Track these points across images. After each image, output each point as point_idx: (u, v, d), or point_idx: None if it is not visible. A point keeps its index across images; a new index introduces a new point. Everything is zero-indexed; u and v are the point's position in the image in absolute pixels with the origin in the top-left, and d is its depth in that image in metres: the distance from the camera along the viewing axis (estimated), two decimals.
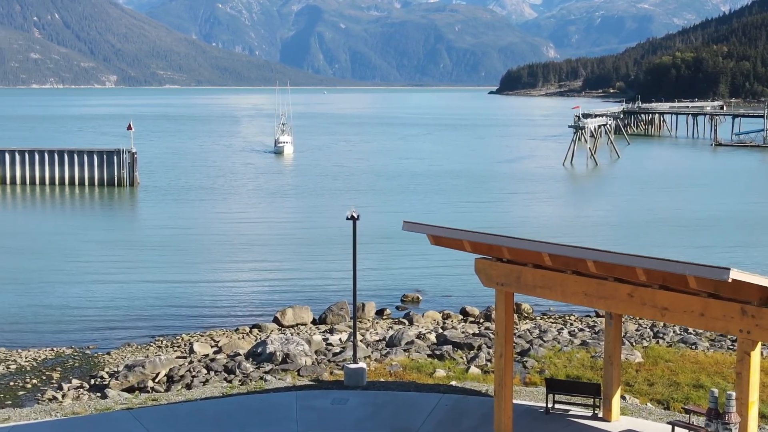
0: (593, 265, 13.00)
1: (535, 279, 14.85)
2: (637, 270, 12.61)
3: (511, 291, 15.64)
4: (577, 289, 14.03)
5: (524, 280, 15.04)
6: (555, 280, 14.36)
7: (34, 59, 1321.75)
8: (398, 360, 32.23)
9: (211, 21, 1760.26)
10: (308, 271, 54.86)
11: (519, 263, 15.02)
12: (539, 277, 14.73)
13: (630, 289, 13.37)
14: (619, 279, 13.48)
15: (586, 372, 30.45)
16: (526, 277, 14.99)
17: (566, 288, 14.23)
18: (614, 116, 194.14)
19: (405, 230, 16.65)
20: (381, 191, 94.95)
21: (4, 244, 63.53)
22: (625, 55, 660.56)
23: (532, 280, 14.90)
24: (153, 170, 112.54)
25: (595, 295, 13.75)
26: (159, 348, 38.90)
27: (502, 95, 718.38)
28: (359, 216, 23.28)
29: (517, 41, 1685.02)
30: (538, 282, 14.78)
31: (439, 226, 15.66)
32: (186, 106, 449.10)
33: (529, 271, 14.83)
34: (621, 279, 13.45)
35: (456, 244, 15.72)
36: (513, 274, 15.17)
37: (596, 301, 13.88)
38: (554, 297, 14.83)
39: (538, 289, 14.90)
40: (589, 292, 13.79)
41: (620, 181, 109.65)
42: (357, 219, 23.31)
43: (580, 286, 14.00)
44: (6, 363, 36.09)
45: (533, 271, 14.76)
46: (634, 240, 64.83)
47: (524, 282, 15.05)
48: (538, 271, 14.66)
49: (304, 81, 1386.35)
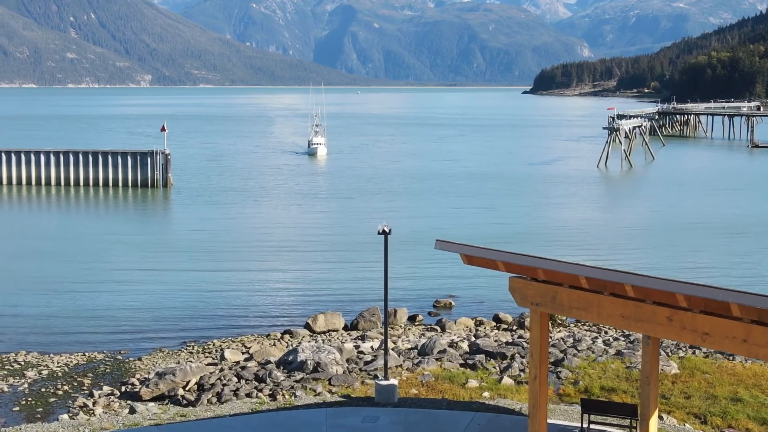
0: (631, 289, 12.60)
1: (571, 300, 14.46)
2: (678, 296, 12.19)
3: (547, 311, 15.27)
4: (614, 311, 13.62)
5: (560, 300, 14.65)
6: (591, 301, 13.96)
7: (70, 59, 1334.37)
8: (430, 370, 31.88)
9: (245, 21, 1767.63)
10: (340, 275, 54.61)
11: (555, 283, 14.64)
12: (575, 297, 14.33)
13: (669, 312, 12.94)
14: (658, 302, 13.06)
15: (621, 384, 29.93)
16: (562, 298, 14.60)
17: (603, 310, 13.83)
18: (649, 117, 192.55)
19: (438, 249, 16.30)
20: (415, 194, 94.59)
21: (39, 247, 63.83)
22: (660, 55, 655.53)
23: (568, 301, 14.50)
24: (186, 171, 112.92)
25: (633, 318, 13.34)
26: (190, 354, 38.78)
27: (535, 95, 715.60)
28: (390, 231, 22.92)
29: (551, 40, 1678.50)
30: (574, 303, 14.39)
31: (472, 245, 15.29)
32: (220, 105, 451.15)
33: (565, 291, 14.44)
34: (660, 302, 13.04)
35: (489, 264, 15.35)
36: (548, 294, 14.79)
37: (633, 324, 13.46)
38: (590, 318, 14.41)
39: (574, 310, 14.48)
40: (627, 315, 13.38)
41: (655, 183, 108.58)
42: (389, 234, 22.93)
43: (617, 308, 13.58)
44: (38, 368, 36.14)
45: (569, 291, 14.38)
46: (670, 245, 64.04)
47: (560, 302, 14.66)
48: (575, 292, 14.27)
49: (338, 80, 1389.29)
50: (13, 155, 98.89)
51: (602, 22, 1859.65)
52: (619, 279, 12.38)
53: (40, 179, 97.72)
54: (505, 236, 67.56)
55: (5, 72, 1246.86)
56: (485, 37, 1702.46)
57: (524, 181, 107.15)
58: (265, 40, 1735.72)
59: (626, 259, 58.85)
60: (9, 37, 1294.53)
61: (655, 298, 12.63)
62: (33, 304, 47.13)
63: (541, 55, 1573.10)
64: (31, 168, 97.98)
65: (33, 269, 55.95)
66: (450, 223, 74.55)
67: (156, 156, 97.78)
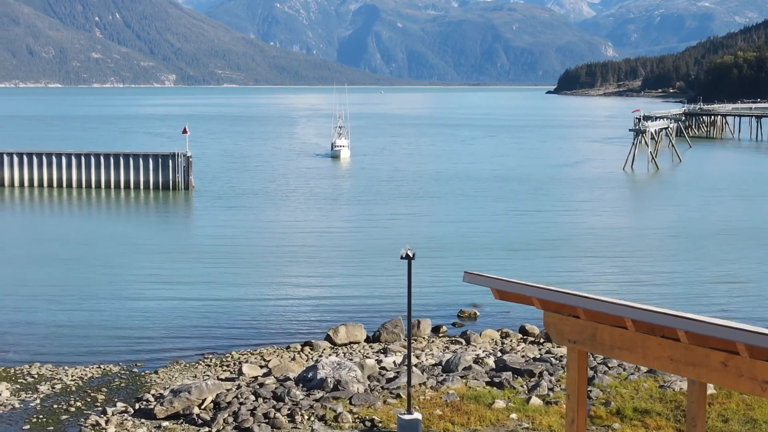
0: (684, 335, 11.28)
1: (613, 339, 13.07)
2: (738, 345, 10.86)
3: (585, 350, 13.94)
4: (662, 354, 12.28)
5: (600, 339, 13.27)
6: (636, 341, 12.60)
7: (95, 59, 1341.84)
8: (455, 388, 30.63)
9: (269, 20, 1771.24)
10: (361, 283, 53.39)
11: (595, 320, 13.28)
12: (618, 336, 12.95)
13: (724, 357, 11.58)
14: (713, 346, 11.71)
15: (655, 405, 28.61)
16: (603, 336, 13.21)
17: (648, 351, 12.48)
18: (675, 118, 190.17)
19: (467, 282, 15.09)
20: (438, 197, 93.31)
21: (56, 252, 63.04)
22: (686, 55, 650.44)
23: (610, 340, 13.12)
24: (208, 173, 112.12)
25: (683, 362, 12.00)
26: (208, 367, 37.72)
27: (559, 95, 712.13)
28: (414, 255, 21.63)
29: (575, 40, 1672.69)
30: (616, 342, 13.02)
31: (504, 279, 14.00)
32: (243, 106, 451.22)
33: (607, 329, 13.06)
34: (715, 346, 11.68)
35: (523, 300, 14.08)
36: (587, 331, 13.39)
37: (683, 368, 12.11)
38: (634, 360, 13.06)
39: (615, 350, 13.13)
40: (676, 358, 12.03)
41: (683, 187, 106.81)
42: (412, 258, 21.62)
43: (665, 350, 12.23)
44: (51, 382, 35.15)
45: (611, 329, 12.99)
46: (702, 254, 62.41)
47: (600, 341, 13.28)
48: (617, 330, 12.88)
49: (361, 80, 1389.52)
50: (34, 157, 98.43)
51: (627, 21, 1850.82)
52: (671, 323, 11.06)
53: (62, 181, 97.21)
54: (529, 242, 66.23)
55: (31, 72, 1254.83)
56: (509, 36, 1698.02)
57: (549, 184, 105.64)
58: (289, 39, 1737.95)
59: (656, 269, 57.40)
60: (35, 37, 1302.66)
61: (711, 344, 11.33)
62: (49, 312, 46.23)
63: (566, 54, 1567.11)
64: (53, 170, 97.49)
65: (49, 275, 55.13)
66: (473, 229, 73.25)
67: (177, 158, 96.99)
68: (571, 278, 54.44)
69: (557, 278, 54.30)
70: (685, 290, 51.46)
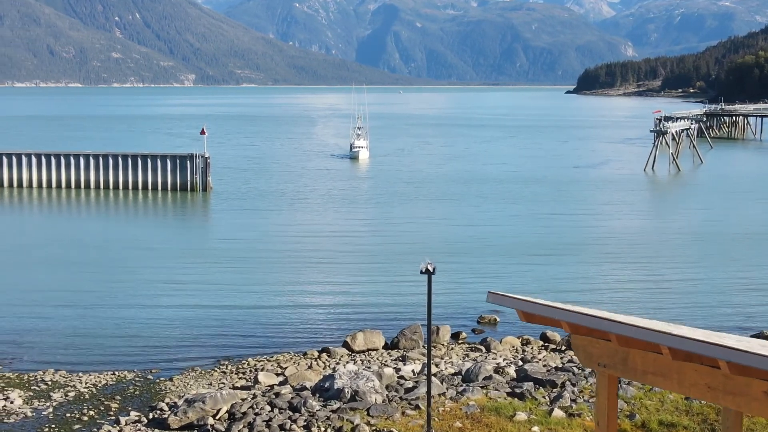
0: (726, 365, 10.48)
1: (646, 364, 12.19)
2: None
3: (616, 375, 13.12)
4: (699, 381, 11.45)
5: (632, 363, 12.39)
6: (671, 368, 11.73)
7: (115, 59, 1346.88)
8: (475, 399, 29.87)
9: (288, 20, 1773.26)
10: (379, 287, 52.62)
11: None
12: (651, 362, 12.07)
13: (767, 386, 10.80)
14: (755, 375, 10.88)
15: (681, 418, 27.75)
16: (635, 361, 12.33)
17: (685, 378, 11.64)
18: (697, 119, 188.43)
19: (491, 302, 14.34)
20: (457, 199, 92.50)
21: (70, 255, 62.56)
22: (706, 54, 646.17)
23: (643, 365, 12.23)
24: (227, 174, 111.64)
25: (722, 390, 11.17)
26: (223, 374, 37.12)
27: (579, 95, 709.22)
28: (435, 269, 20.87)
29: (594, 40, 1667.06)
30: (649, 368, 12.15)
31: (530, 300, 13.21)
32: (262, 105, 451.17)
33: (639, 353, 12.19)
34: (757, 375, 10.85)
35: (551, 323, 13.30)
36: (619, 355, 12.52)
37: (722, 397, 11.30)
38: (669, 387, 12.19)
39: (649, 376, 12.27)
40: (714, 386, 11.22)
41: (705, 189, 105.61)
42: (432, 273, 20.86)
43: (703, 377, 11.40)
44: (65, 389, 34.63)
45: (644, 354, 12.13)
46: (728, 259, 61.32)
47: (632, 366, 12.40)
48: (651, 355, 12.04)
49: (380, 80, 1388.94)
50: (52, 158, 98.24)
51: (646, 21, 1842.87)
52: (712, 353, 10.27)
53: (80, 182, 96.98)
54: (549, 246, 65.30)
55: (52, 71, 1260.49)
56: (528, 36, 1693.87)
57: (569, 186, 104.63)
58: (308, 39, 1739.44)
59: (680, 275, 56.40)
60: (56, 37, 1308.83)
61: (754, 375, 10.53)
62: (64, 316, 45.74)
63: (585, 54, 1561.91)
64: (71, 171, 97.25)
65: (65, 279, 54.67)
66: (493, 232, 72.38)
67: (195, 159, 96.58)
68: (592, 284, 53.61)
69: (578, 284, 53.49)
70: (710, 298, 50.50)
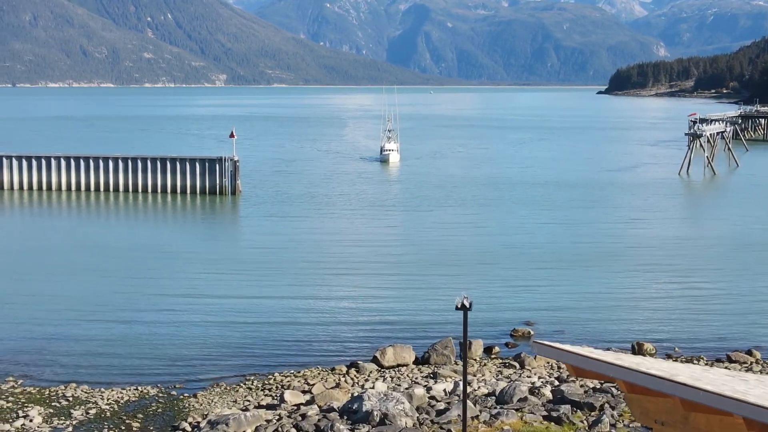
0: None
1: (710, 425, 10.86)
2: None
3: None
4: None
5: (695, 423, 11.06)
6: (737, 429, 10.48)
7: (147, 59, 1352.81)
8: (510, 423, 28.61)
9: (318, 20, 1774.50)
10: (410, 298, 51.31)
11: None
12: (717, 423, 10.76)
13: None
14: None
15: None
16: (698, 421, 11.00)
17: None
18: (732, 121, 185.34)
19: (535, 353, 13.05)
20: (489, 205, 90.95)
21: (94, 263, 61.64)
22: (740, 54, 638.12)
23: (707, 427, 10.93)
24: (256, 177, 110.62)
25: None
26: (249, 390, 36.07)
27: (611, 95, 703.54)
28: (471, 305, 19.54)
29: (626, 40, 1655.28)
30: (714, 429, 10.87)
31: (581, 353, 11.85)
32: (293, 106, 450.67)
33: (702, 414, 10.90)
34: None
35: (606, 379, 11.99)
36: (679, 412, 11.22)
37: None
38: None
39: None
40: None
41: (742, 193, 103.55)
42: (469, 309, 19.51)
43: None
44: (86, 406, 33.72)
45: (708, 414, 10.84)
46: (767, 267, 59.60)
47: (695, 426, 11.06)
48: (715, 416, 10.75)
49: (411, 80, 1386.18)
50: (81, 161, 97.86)
51: (679, 20, 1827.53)
52: None
53: (108, 185, 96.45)
54: (583, 255, 63.70)
55: (84, 72, 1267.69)
56: (559, 36, 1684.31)
57: (603, 190, 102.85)
58: (339, 39, 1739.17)
59: (719, 285, 54.76)
60: (88, 38, 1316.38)
61: None
62: (87, 328, 44.83)
63: (617, 54, 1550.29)
64: (100, 174, 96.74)
65: (89, 288, 53.70)
66: (525, 240, 70.76)
67: (224, 163, 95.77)
68: (627, 297, 52.13)
69: (613, 295, 52.07)
70: (750, 306, 48.92)
